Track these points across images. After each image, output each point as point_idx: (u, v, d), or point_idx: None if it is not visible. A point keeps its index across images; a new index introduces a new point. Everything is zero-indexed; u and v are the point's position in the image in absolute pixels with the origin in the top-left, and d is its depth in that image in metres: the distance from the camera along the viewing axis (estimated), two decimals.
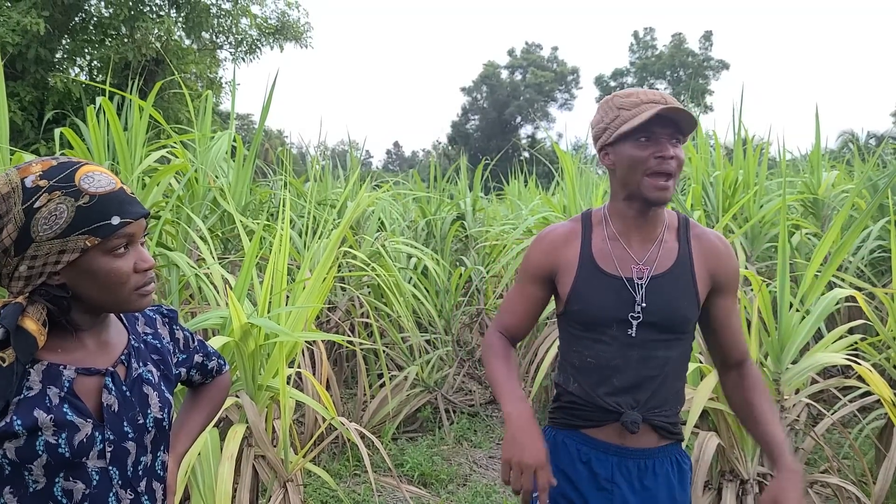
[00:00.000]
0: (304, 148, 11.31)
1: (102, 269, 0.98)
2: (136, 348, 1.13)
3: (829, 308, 2.68)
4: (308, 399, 2.57)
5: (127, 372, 1.08)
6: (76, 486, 0.99)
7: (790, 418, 2.57)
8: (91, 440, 1.00)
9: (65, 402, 0.98)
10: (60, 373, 0.99)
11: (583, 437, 1.51)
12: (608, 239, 1.50)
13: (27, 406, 0.95)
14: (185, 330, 1.30)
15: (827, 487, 2.85)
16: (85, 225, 0.95)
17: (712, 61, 43.00)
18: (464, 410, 4.77)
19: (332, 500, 3.38)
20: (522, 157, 34.03)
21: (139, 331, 1.17)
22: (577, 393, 1.52)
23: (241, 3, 13.45)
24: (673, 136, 1.40)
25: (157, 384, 1.13)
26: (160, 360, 1.17)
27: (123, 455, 1.04)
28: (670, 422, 1.49)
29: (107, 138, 3.52)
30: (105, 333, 1.09)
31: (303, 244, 4.15)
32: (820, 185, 5.00)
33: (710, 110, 39.69)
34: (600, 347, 1.47)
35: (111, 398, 1.03)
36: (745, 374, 1.56)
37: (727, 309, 1.53)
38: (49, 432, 0.95)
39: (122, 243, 0.99)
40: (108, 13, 11.92)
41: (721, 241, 1.52)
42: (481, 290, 5.71)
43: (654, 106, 1.37)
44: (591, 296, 1.48)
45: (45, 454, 0.95)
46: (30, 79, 10.88)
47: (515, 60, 45.60)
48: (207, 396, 1.39)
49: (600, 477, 1.48)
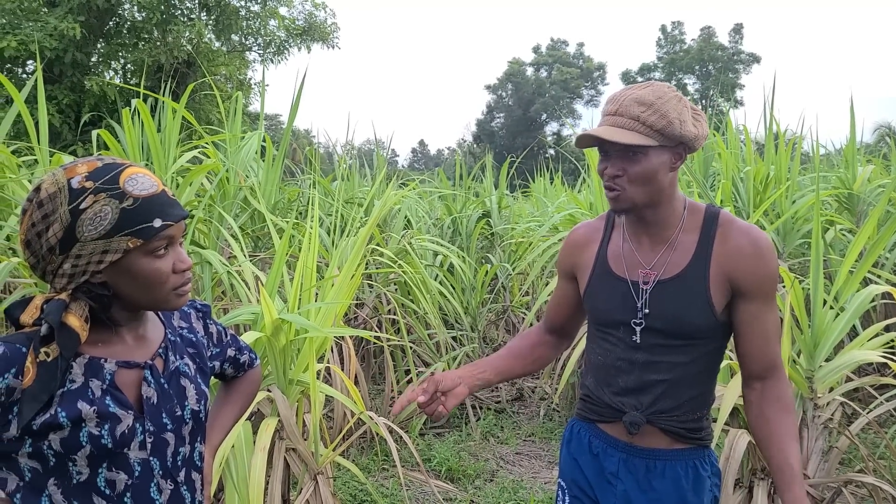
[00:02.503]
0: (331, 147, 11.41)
1: (143, 270, 1.01)
2: (172, 342, 1.15)
3: (864, 305, 2.62)
4: (337, 393, 2.61)
5: (165, 365, 1.11)
6: (119, 477, 1.02)
7: (824, 417, 2.53)
8: (132, 431, 1.03)
9: (107, 395, 1.01)
10: (102, 366, 1.02)
11: (595, 430, 1.54)
12: (622, 240, 1.50)
13: (71, 398, 0.98)
14: (218, 324, 1.32)
15: (862, 487, 2.80)
16: (128, 227, 0.98)
17: (743, 55, 42.25)
18: (490, 407, 4.78)
19: (362, 494, 3.42)
20: (548, 155, 33.84)
21: (175, 325, 1.20)
22: (590, 387, 1.56)
23: (270, 5, 13.62)
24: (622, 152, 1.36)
25: (193, 377, 1.16)
26: (196, 354, 1.20)
27: (163, 446, 1.07)
28: (685, 427, 1.43)
29: (141, 139, 3.61)
30: (142, 328, 1.12)
31: (331, 242, 4.19)
32: (855, 180, 4.88)
33: (740, 105, 39.01)
34: (609, 347, 1.49)
35: (150, 391, 1.06)
36: (772, 390, 1.41)
37: (750, 315, 1.38)
38: (92, 423, 0.98)
39: (163, 244, 1.02)
40: (140, 17, 12.18)
41: (749, 240, 1.37)
42: (507, 287, 5.71)
43: (602, 120, 1.38)
44: (599, 297, 1.50)
45: (88, 444, 0.98)
46: (67, 82, 11.17)
47: (541, 57, 45.37)
48: (239, 390, 1.42)
49: (606, 471, 1.49)
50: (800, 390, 2.53)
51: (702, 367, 1.44)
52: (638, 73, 43.62)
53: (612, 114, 1.35)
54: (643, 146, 1.33)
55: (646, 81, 1.42)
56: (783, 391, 1.41)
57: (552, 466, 3.91)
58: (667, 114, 1.31)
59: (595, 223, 1.59)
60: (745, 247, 1.37)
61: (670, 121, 1.31)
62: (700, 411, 1.46)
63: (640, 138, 1.31)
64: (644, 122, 1.31)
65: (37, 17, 10.73)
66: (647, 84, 1.38)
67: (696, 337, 1.40)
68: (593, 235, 1.56)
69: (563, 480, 1.61)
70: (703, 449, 1.48)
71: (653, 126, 1.31)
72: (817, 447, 2.51)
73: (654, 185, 1.36)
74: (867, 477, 2.53)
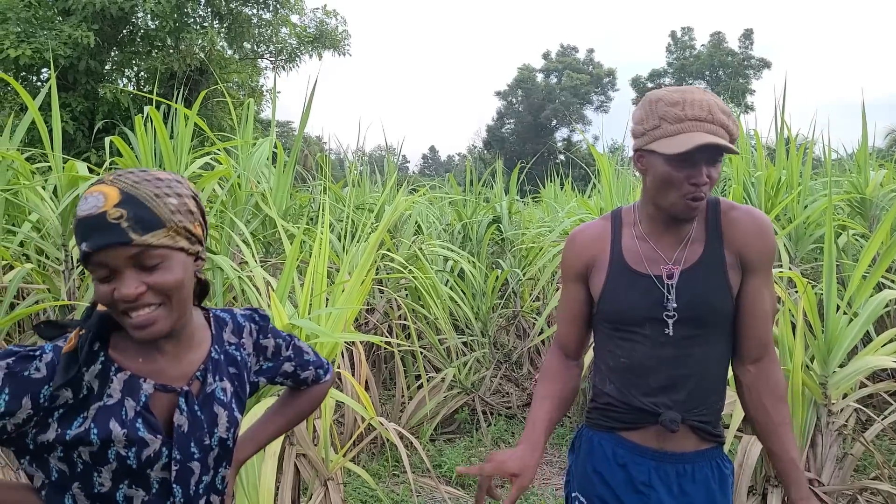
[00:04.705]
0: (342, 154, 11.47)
1: (97, 291, 0.98)
2: (214, 361, 1.13)
3: (878, 310, 2.60)
4: (348, 399, 2.61)
5: (201, 388, 1.10)
6: (137, 494, 1.03)
7: (838, 423, 2.50)
8: (158, 455, 1.03)
9: (139, 417, 1.01)
10: (140, 386, 1.02)
11: (619, 440, 1.49)
12: (637, 238, 1.48)
13: (105, 415, 0.99)
14: (279, 337, 1.27)
15: (878, 495, 2.76)
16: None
17: (753, 60, 42.06)
18: (501, 412, 4.77)
19: (372, 500, 3.42)
20: (558, 161, 33.82)
21: (224, 338, 1.17)
22: (612, 394, 1.50)
23: (281, 13, 13.72)
24: (711, 158, 1.35)
25: (227, 402, 1.13)
26: (236, 375, 1.17)
27: (188, 475, 1.07)
28: (710, 422, 1.45)
29: (154, 146, 3.65)
30: (186, 338, 1.09)
31: (342, 247, 4.21)
32: (867, 185, 4.85)
33: (751, 110, 38.79)
34: (633, 347, 1.46)
35: (182, 419, 1.05)
36: (765, 373, 1.47)
37: (755, 290, 1.43)
38: (121, 445, 0.99)
39: (102, 271, 0.96)
40: (154, 25, 12.30)
41: (751, 217, 1.44)
42: (517, 292, 5.70)
43: (698, 126, 1.33)
44: (621, 294, 1.47)
45: (115, 462, 0.99)
46: (81, 90, 11.30)
47: (551, 63, 45.38)
48: (295, 404, 1.36)
49: (637, 481, 1.46)
50: (813, 396, 2.51)
51: (720, 357, 1.47)
52: (648, 78, 43.53)
53: (705, 120, 1.33)
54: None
55: (697, 87, 1.42)
56: (777, 375, 1.48)
57: (563, 473, 3.89)
58: (737, 123, 1.38)
59: (598, 223, 1.56)
60: (751, 224, 1.44)
61: (738, 129, 1.39)
62: (720, 404, 1.49)
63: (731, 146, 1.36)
64: (729, 131, 1.36)
65: (51, 26, 10.86)
66: (706, 90, 1.40)
67: (718, 324, 1.44)
68: (601, 234, 1.53)
69: (581, 494, 1.56)
70: (720, 447, 1.50)
71: (733, 134, 1.37)
72: (832, 454, 2.49)
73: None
74: (883, 484, 2.50)
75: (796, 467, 1.45)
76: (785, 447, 1.45)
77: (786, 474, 1.46)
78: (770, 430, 1.46)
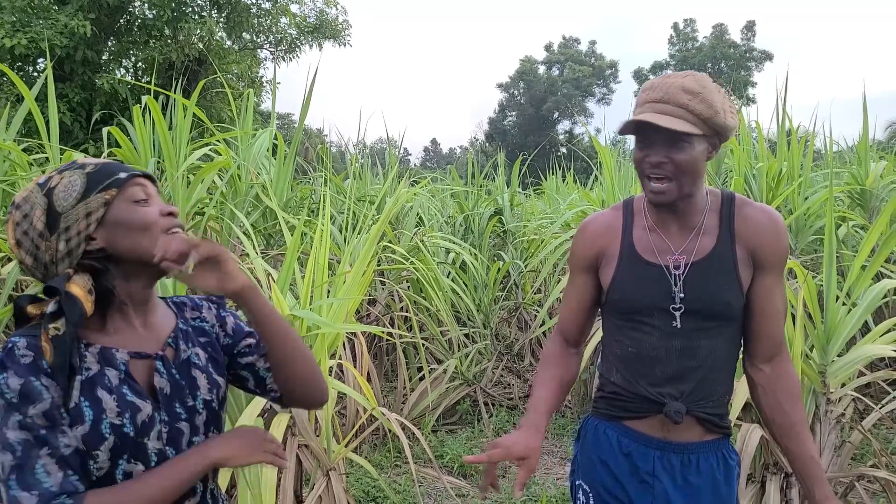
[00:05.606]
0: (343, 146, 11.45)
1: (131, 218, 1.05)
2: (184, 331, 1.17)
3: (876, 300, 2.61)
4: (349, 390, 2.62)
5: (176, 354, 1.13)
6: (136, 469, 1.04)
7: (836, 411, 2.52)
8: (152, 420, 1.05)
9: (124, 384, 1.04)
10: (114, 356, 1.05)
11: (624, 429, 1.49)
12: (647, 228, 1.48)
13: (90, 385, 1.00)
14: (234, 315, 1.31)
15: (875, 482, 2.78)
16: (98, 184, 1.05)
17: (755, 52, 41.88)
18: (503, 404, 4.78)
19: (374, 490, 3.44)
20: (560, 153, 33.76)
21: (187, 316, 1.21)
22: (619, 383, 1.50)
23: (281, 3, 13.64)
24: (670, 140, 1.33)
25: (204, 366, 1.16)
26: (208, 343, 1.21)
27: (178, 436, 1.09)
28: (716, 414, 1.45)
29: (152, 137, 3.64)
30: (152, 315, 1.13)
31: (343, 239, 4.21)
32: (868, 176, 4.85)
33: (752, 102, 38.67)
34: (641, 337, 1.45)
35: (163, 381, 1.08)
36: (779, 372, 1.46)
37: (767, 290, 1.43)
38: (113, 414, 1.00)
39: (140, 193, 1.07)
40: (151, 15, 12.23)
41: (767, 216, 1.43)
42: (519, 284, 5.71)
43: (649, 107, 1.33)
44: (632, 284, 1.46)
45: (111, 436, 1.00)
46: (78, 80, 11.24)
47: (553, 55, 45.20)
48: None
49: (641, 470, 1.46)
50: (812, 385, 2.52)
51: (730, 351, 1.47)
52: (650, 71, 43.37)
53: (657, 101, 1.33)
54: (690, 134, 1.32)
55: (681, 71, 1.40)
56: (792, 374, 1.47)
57: (564, 463, 3.91)
58: (713, 103, 1.32)
59: (610, 213, 1.55)
60: (766, 222, 1.42)
61: (716, 111, 1.32)
62: (727, 397, 1.49)
63: (688, 126, 1.31)
64: (692, 111, 1.31)
65: (47, 15, 10.79)
66: (686, 73, 1.37)
67: (728, 318, 1.43)
68: (613, 223, 1.52)
69: (586, 483, 1.56)
70: (727, 438, 1.49)
71: (700, 115, 1.32)
72: (830, 442, 2.50)
73: (695, 174, 1.37)
74: (880, 472, 2.52)
75: (817, 465, 1.43)
76: (804, 446, 1.43)
77: (806, 474, 1.43)
78: (787, 429, 1.44)
